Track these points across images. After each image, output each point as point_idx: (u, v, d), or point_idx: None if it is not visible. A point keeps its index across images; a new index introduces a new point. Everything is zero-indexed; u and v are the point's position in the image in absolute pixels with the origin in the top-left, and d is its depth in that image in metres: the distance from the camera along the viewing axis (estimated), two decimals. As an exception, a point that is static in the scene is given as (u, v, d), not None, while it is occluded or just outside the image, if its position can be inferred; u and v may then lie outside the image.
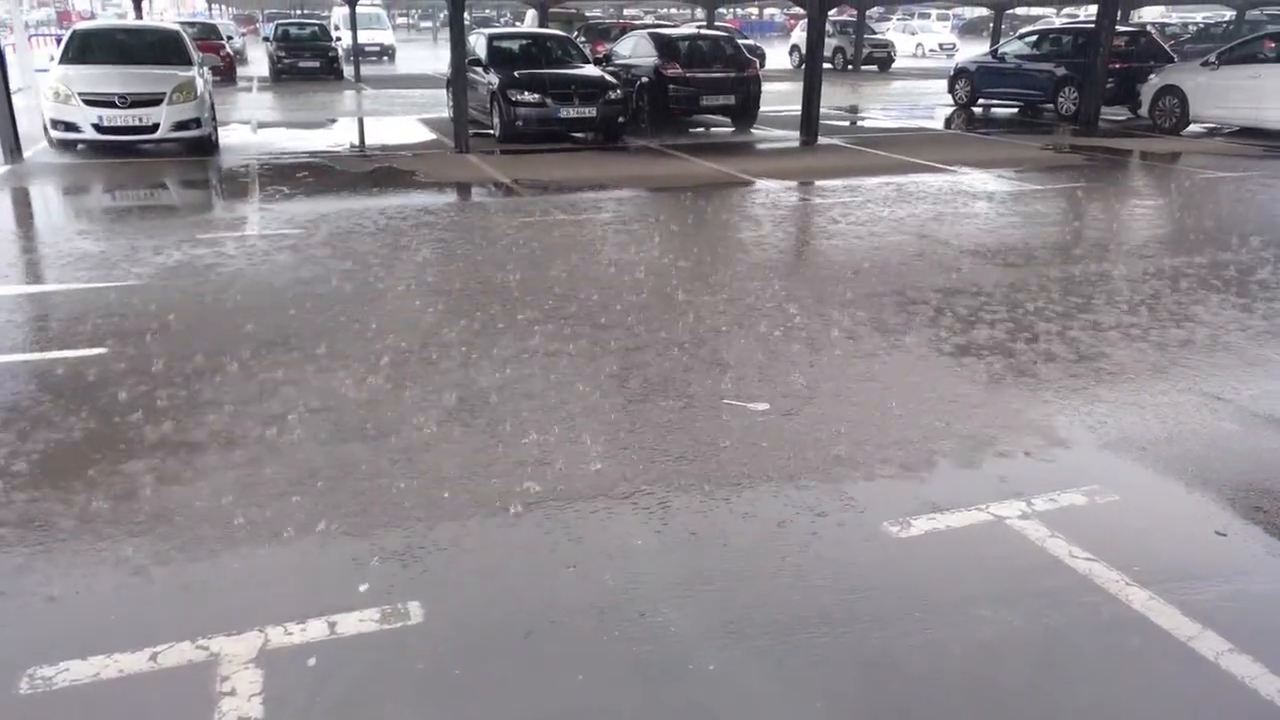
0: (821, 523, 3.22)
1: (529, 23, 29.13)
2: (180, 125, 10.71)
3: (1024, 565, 2.99)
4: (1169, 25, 30.03)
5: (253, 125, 14.47)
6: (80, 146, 10.91)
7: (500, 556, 3.04)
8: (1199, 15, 32.41)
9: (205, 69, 12.14)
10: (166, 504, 3.30)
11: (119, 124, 10.42)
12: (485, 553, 3.06)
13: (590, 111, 12.30)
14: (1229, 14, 28.55)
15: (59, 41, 14.50)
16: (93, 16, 39.43)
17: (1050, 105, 16.16)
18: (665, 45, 14.30)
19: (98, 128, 10.38)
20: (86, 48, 11.35)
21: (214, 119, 11.59)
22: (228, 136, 12.76)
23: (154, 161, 10.78)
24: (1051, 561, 3.00)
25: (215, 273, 6.25)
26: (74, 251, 6.76)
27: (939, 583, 2.90)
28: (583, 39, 21.72)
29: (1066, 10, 30.80)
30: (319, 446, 3.73)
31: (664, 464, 3.62)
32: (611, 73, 13.65)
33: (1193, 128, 13.82)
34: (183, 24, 16.98)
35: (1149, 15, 33.91)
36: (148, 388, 4.28)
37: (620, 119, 12.65)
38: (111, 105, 10.36)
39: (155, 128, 10.54)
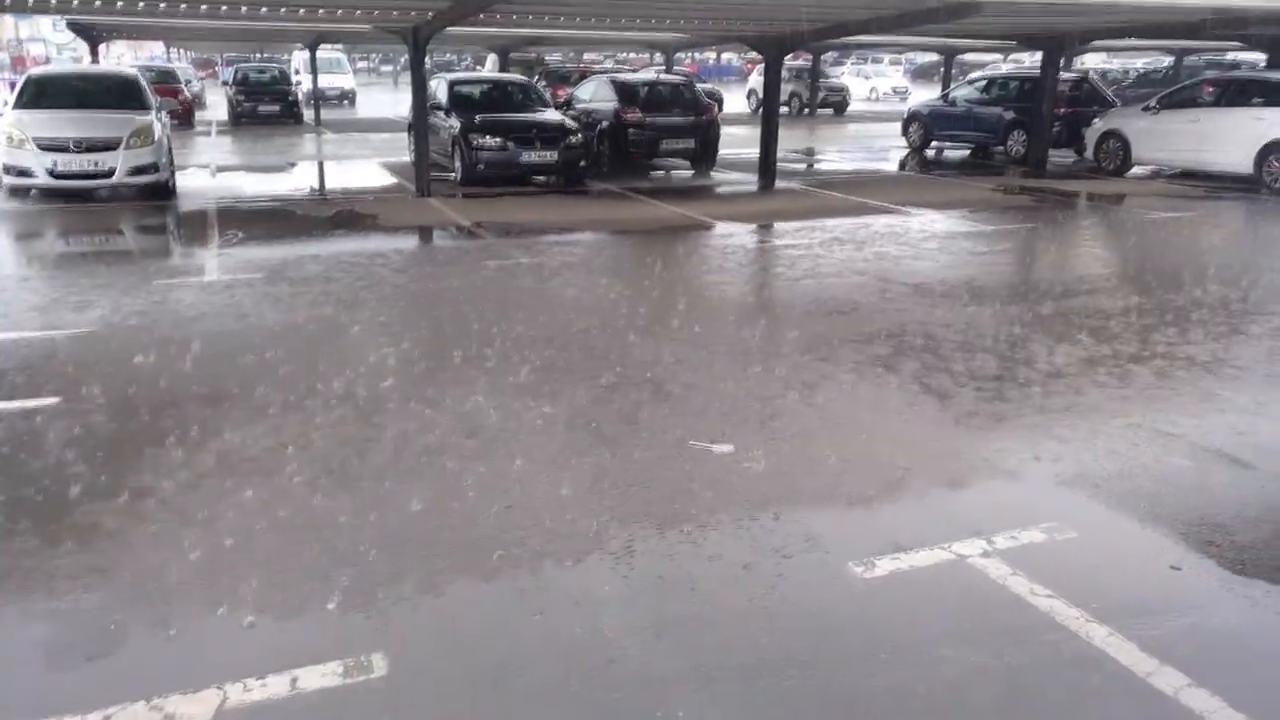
0: (787, 564, 3.24)
1: (490, 67, 29.36)
2: (137, 170, 10.60)
3: (987, 604, 3.03)
4: (1110, 71, 31.09)
5: (211, 169, 14.39)
6: (33, 193, 10.75)
7: (465, 605, 3.01)
8: (1139, 61, 33.60)
9: (163, 113, 12.07)
10: (119, 558, 3.23)
11: (74, 169, 10.29)
12: (450, 601, 3.03)
13: (551, 155, 12.41)
14: (1167, 60, 29.67)
15: (13, 87, 14.34)
16: (48, 61, 39.03)
17: (1000, 148, 16.63)
18: (625, 90, 14.51)
19: (52, 173, 10.24)
20: (42, 93, 11.23)
21: (172, 164, 11.50)
22: (186, 181, 12.66)
23: (110, 207, 10.65)
24: (1013, 600, 3.04)
25: (171, 320, 6.17)
26: (25, 299, 6.64)
27: (904, 623, 2.93)
28: (543, 84, 21.93)
29: (1013, 56, 31.79)
30: (278, 498, 3.68)
31: (630, 508, 3.62)
32: (572, 117, 13.81)
33: (1136, 170, 14.27)
34: (140, 69, 16.86)
35: (1091, 61, 35.09)
36: (100, 439, 4.20)
37: (581, 163, 12.78)
38: (66, 150, 10.24)
39: (111, 173, 10.42)
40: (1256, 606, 3.04)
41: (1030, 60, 20.45)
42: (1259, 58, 18.95)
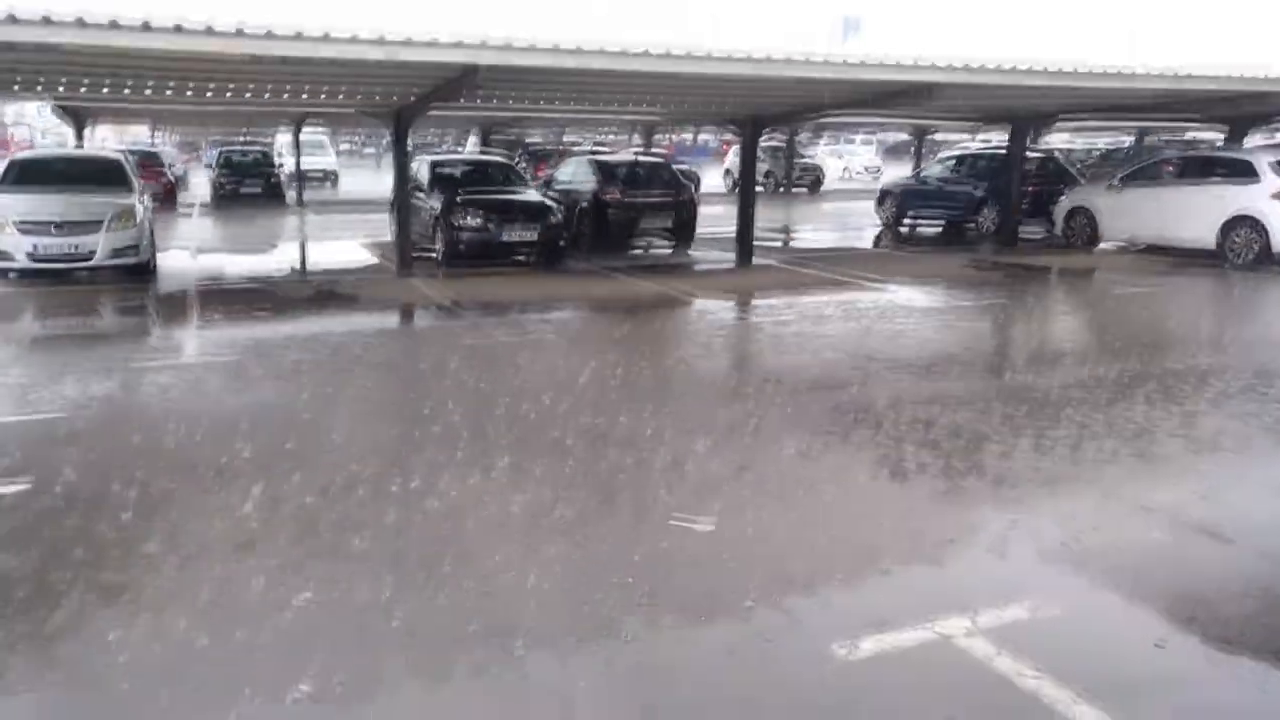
0: (770, 647, 3.20)
1: (471, 148, 29.91)
2: (118, 252, 10.61)
3: (973, 684, 2.99)
4: (1074, 149, 32.04)
5: (192, 250, 14.45)
6: (13, 274, 10.73)
7: (440, 696, 2.94)
8: (1101, 140, 34.71)
9: (146, 195, 12.16)
10: (90, 652, 3.14)
11: (54, 252, 10.29)
12: (424, 691, 2.95)
13: (532, 234, 12.55)
14: (1128, 139, 30.66)
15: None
16: (31, 144, 39.38)
17: (972, 223, 17.01)
18: (605, 170, 14.80)
19: (32, 256, 10.22)
20: (25, 175, 11.32)
21: (153, 245, 11.54)
22: (167, 262, 12.69)
23: (90, 288, 10.63)
24: (1000, 680, 3.00)
25: (148, 401, 6.12)
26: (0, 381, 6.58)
27: (889, 706, 2.88)
28: (524, 163, 22.33)
29: (982, 135, 32.75)
30: (247, 584, 3.61)
31: (610, 588, 3.57)
32: (553, 196, 14.03)
33: (1104, 244, 14.62)
34: (124, 151, 17.07)
35: (1056, 140, 36.18)
36: (69, 522, 4.12)
37: (561, 241, 12.93)
38: (48, 232, 10.25)
39: (91, 255, 10.41)
40: (1242, 683, 3.02)
41: (999, 138, 21.12)
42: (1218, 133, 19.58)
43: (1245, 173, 12.55)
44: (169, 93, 12.25)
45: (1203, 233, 12.76)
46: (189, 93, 12.29)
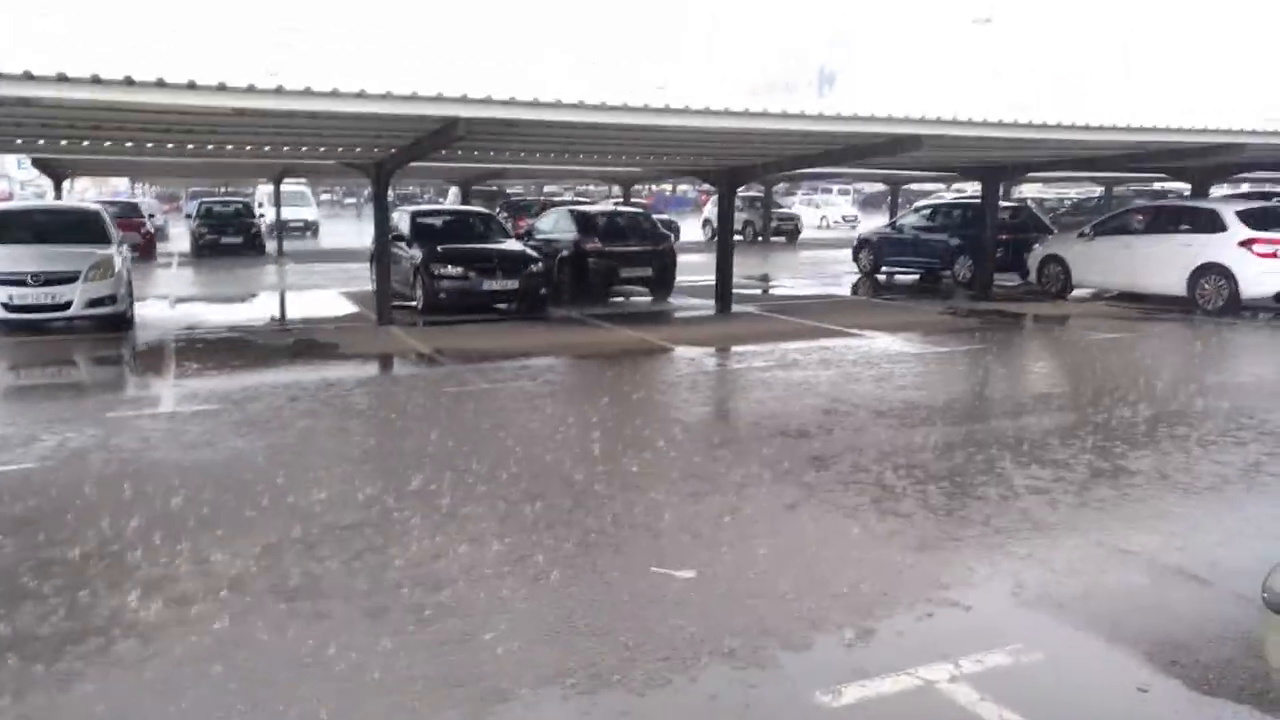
0: (754, 694, 3.17)
1: (451, 199, 30.12)
2: (95, 302, 10.59)
3: (956, 732, 2.97)
4: (1046, 200, 32.72)
5: (171, 300, 14.39)
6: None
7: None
8: (1072, 191, 35.45)
9: (124, 246, 12.15)
10: (61, 709, 3.07)
11: (30, 302, 10.25)
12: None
13: (512, 284, 12.62)
14: (1099, 190, 31.35)
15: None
16: (10, 197, 39.32)
17: (948, 272, 17.23)
18: (584, 221, 14.93)
19: (8, 306, 10.18)
20: (3, 228, 11.31)
21: (131, 295, 11.50)
22: (145, 312, 12.63)
23: (67, 338, 10.55)
24: (983, 727, 2.99)
25: (123, 454, 6.04)
26: (-28, 434, 6.49)
27: (874, 755, 2.85)
28: (505, 215, 22.51)
29: (956, 185, 33.40)
30: (224, 636, 3.55)
31: (591, 636, 3.53)
32: (533, 247, 14.13)
33: (1077, 292, 14.84)
34: (104, 204, 17.08)
35: (1028, 190, 36.94)
36: (36, 578, 4.04)
37: (542, 291, 13.00)
38: (23, 284, 10.23)
39: (68, 305, 10.39)
40: (1224, 727, 3.02)
41: (972, 189, 21.55)
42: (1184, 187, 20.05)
43: (1212, 222, 12.83)
44: (149, 147, 12.31)
45: (1173, 281, 13.00)
46: (170, 147, 12.35)
